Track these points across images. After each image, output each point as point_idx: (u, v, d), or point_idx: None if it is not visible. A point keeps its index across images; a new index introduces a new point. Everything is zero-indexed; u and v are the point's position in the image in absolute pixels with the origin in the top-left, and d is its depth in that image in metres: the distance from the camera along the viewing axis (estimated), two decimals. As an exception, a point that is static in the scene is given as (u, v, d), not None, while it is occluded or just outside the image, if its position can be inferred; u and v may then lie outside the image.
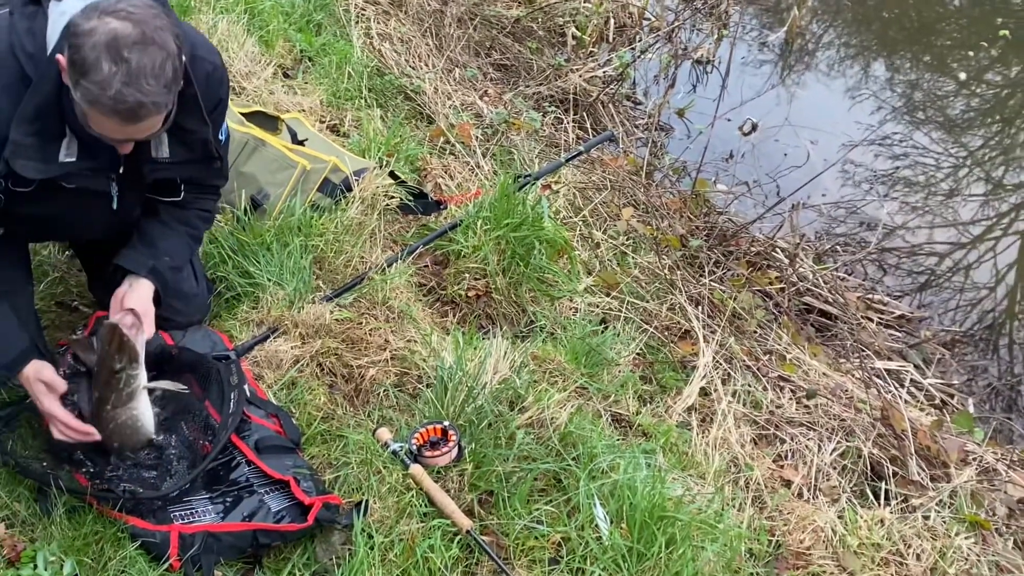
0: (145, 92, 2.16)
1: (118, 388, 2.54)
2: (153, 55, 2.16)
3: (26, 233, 2.84)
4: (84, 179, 2.48)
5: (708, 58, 6.35)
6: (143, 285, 2.68)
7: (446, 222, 3.87)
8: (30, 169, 2.34)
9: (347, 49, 5.05)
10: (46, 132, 2.33)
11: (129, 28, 2.14)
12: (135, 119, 2.21)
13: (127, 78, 2.13)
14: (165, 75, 2.19)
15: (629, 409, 3.28)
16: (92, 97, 2.16)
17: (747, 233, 4.75)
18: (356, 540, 2.49)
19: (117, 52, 2.12)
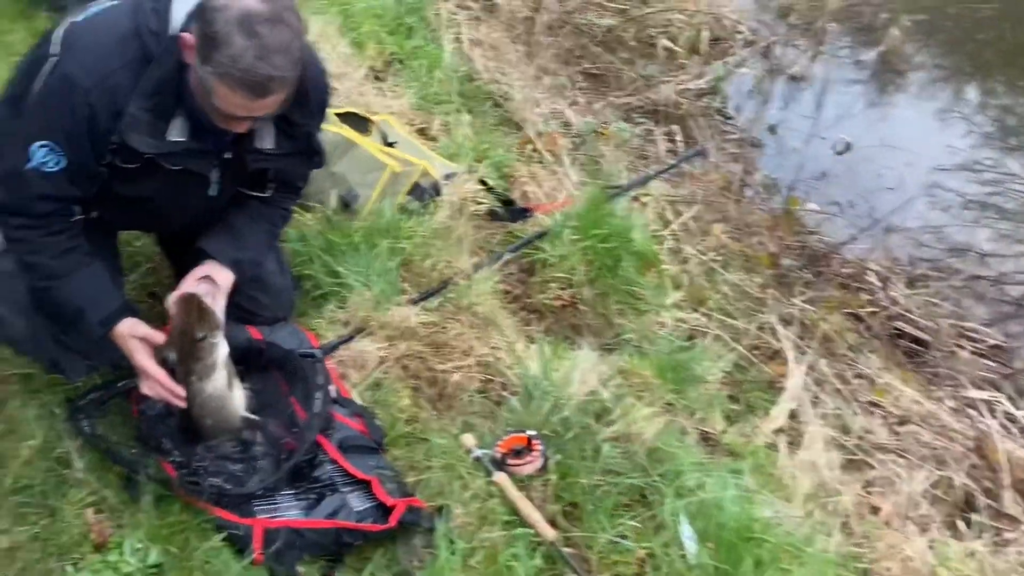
0: (275, 67, 2.20)
1: (201, 359, 2.55)
2: (283, 32, 2.19)
3: (121, 218, 2.87)
4: (189, 159, 2.51)
5: (802, 75, 6.23)
6: (223, 273, 2.70)
7: (533, 230, 3.85)
8: (143, 143, 2.38)
9: (437, 53, 5.07)
10: (160, 109, 2.37)
11: (261, 6, 2.18)
12: (263, 93, 2.24)
13: (259, 52, 2.17)
14: (293, 52, 2.23)
15: (716, 428, 3.21)
16: (223, 70, 2.19)
17: (838, 254, 4.65)
18: (438, 544, 2.47)
19: (250, 27, 2.16)
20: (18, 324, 2.92)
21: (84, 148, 2.42)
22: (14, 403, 2.83)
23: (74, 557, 2.45)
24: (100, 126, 2.38)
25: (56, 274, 2.60)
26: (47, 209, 2.53)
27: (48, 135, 2.41)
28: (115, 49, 2.36)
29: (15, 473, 2.64)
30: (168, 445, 2.71)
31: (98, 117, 2.37)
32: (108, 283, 2.67)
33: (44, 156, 2.42)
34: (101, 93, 2.35)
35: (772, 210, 4.99)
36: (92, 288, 2.63)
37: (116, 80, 2.35)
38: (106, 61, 2.36)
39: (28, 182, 2.46)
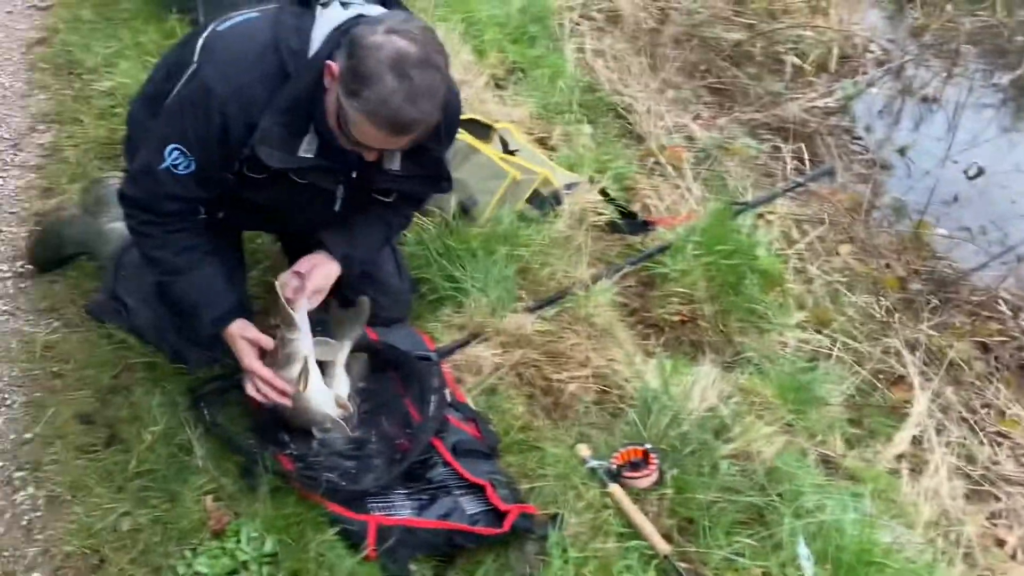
0: (422, 111, 2.25)
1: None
2: (432, 76, 2.24)
3: (244, 220, 2.94)
4: (316, 176, 2.55)
5: (934, 96, 6.04)
6: (332, 265, 2.74)
7: (654, 244, 3.79)
8: (273, 158, 2.43)
9: (560, 63, 5.05)
10: (293, 125, 2.41)
11: (414, 49, 2.22)
12: (404, 133, 2.30)
13: (408, 95, 2.21)
14: (438, 96, 2.28)
15: (836, 451, 3.11)
16: (370, 108, 2.24)
17: (968, 281, 4.47)
18: (551, 552, 2.44)
19: (402, 69, 2.20)
20: (144, 314, 3.02)
21: (214, 155, 2.49)
22: (139, 390, 2.91)
23: (192, 542, 2.50)
24: (232, 135, 2.43)
25: (177, 270, 2.68)
26: (174, 208, 2.62)
27: (181, 139, 2.49)
28: (253, 61, 2.42)
29: (138, 457, 2.71)
30: (285, 438, 2.76)
31: (231, 126, 2.42)
32: (224, 283, 2.73)
33: (176, 158, 2.50)
34: (236, 103, 2.41)
35: (900, 233, 4.83)
36: (209, 287, 2.70)
37: (252, 92, 2.40)
38: (243, 72, 2.42)
39: (159, 181, 2.54)
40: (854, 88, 5.59)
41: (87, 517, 2.56)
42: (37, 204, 3.69)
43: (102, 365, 3.01)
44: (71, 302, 3.27)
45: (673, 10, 5.88)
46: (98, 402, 2.91)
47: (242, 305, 2.77)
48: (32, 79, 4.49)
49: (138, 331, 3.05)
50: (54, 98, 4.33)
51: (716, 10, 6.14)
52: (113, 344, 3.07)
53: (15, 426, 2.86)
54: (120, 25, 4.72)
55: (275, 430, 2.77)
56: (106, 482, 2.66)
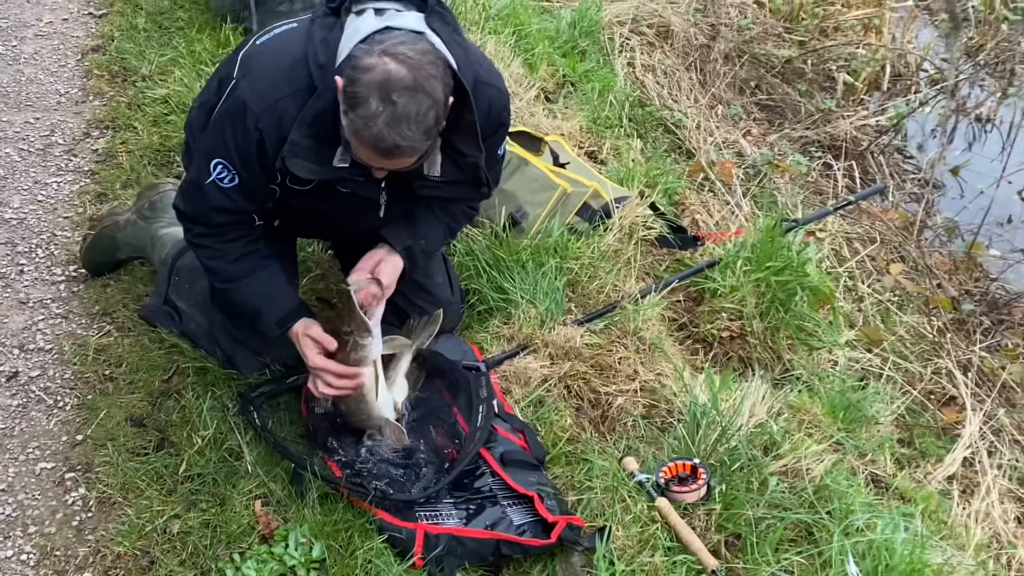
0: (403, 136, 2.23)
1: (345, 350, 2.62)
2: (419, 102, 2.22)
3: (299, 228, 2.97)
4: (355, 185, 2.56)
5: (989, 116, 5.97)
6: (396, 260, 2.74)
7: (703, 259, 3.77)
8: (303, 169, 2.44)
9: (610, 77, 5.05)
10: (324, 136, 2.42)
11: (403, 72, 2.21)
12: (390, 157, 2.30)
13: (390, 120, 2.21)
14: (426, 122, 2.25)
15: (886, 470, 3.07)
16: (355, 129, 2.26)
17: (1021, 303, 4.41)
18: (598, 564, 2.42)
19: (387, 93, 2.20)
20: (197, 320, 3.05)
21: (254, 168, 2.52)
22: (189, 394, 2.94)
23: (241, 546, 2.52)
24: (269, 150, 2.46)
25: (234, 277, 2.71)
26: (223, 220, 2.66)
27: (224, 154, 2.53)
28: (285, 77, 2.44)
29: (188, 461, 2.74)
30: (334, 444, 2.77)
31: (267, 141, 2.45)
32: (284, 284, 2.76)
33: (221, 173, 2.54)
34: (270, 119, 2.43)
35: (952, 253, 4.79)
36: (269, 290, 2.72)
37: (284, 107, 2.42)
38: (276, 88, 2.44)
39: (207, 195, 2.59)
40: (907, 107, 5.55)
41: (137, 519, 2.59)
42: (91, 209, 3.74)
43: (153, 369, 3.05)
44: (123, 306, 3.31)
45: (724, 26, 5.86)
46: (149, 405, 2.95)
47: (304, 305, 2.79)
48: (87, 86, 4.56)
49: (190, 336, 3.08)
50: (108, 104, 4.40)
51: (767, 27, 6.12)
52: (164, 348, 3.10)
53: (67, 428, 2.90)
54: (174, 34, 4.79)
55: (324, 436, 2.79)
56: (156, 484, 2.69)
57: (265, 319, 2.71)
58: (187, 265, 3.11)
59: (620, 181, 4.09)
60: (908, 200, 5.18)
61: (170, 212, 3.32)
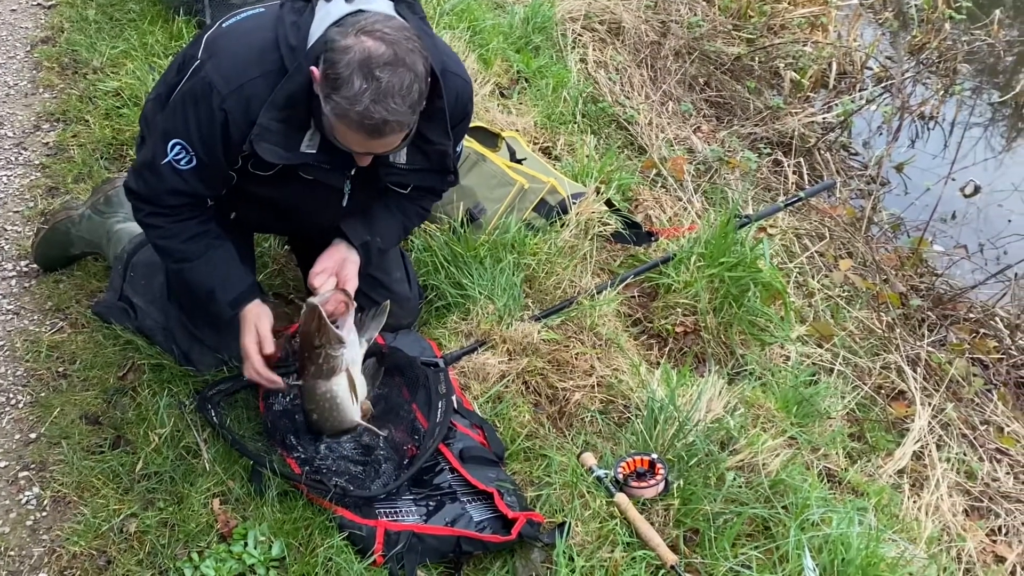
0: (391, 111, 2.23)
1: (318, 362, 2.61)
2: (402, 76, 2.22)
3: (256, 221, 2.94)
4: (321, 172, 2.56)
5: (932, 114, 6.09)
6: (355, 257, 2.75)
7: (657, 255, 3.81)
8: (271, 153, 2.43)
9: (563, 73, 5.07)
10: (293, 120, 2.41)
11: (383, 48, 2.21)
12: (378, 135, 2.29)
13: (375, 96, 2.20)
14: (411, 96, 2.25)
15: (839, 464, 3.13)
16: (341, 111, 2.25)
17: (965, 299, 4.51)
18: (557, 560, 2.44)
19: (369, 70, 2.20)
20: (153, 316, 3.02)
21: (216, 151, 2.49)
22: (145, 392, 2.91)
23: (199, 545, 2.50)
24: (234, 132, 2.44)
25: (188, 257, 2.69)
26: (176, 202, 2.62)
27: (183, 134, 2.49)
28: (254, 59, 2.42)
29: (145, 459, 2.71)
30: (292, 441, 2.76)
31: (232, 123, 2.43)
32: (239, 265, 2.73)
33: (178, 153, 2.51)
34: (237, 101, 2.41)
35: (898, 249, 4.88)
36: (224, 270, 2.70)
37: (252, 89, 2.41)
38: (244, 70, 2.42)
39: (162, 176, 2.55)
40: (853, 104, 5.64)
41: (93, 518, 2.56)
42: (42, 203, 3.68)
43: (108, 366, 3.02)
44: (76, 302, 3.27)
45: (674, 23, 5.90)
46: (104, 403, 2.91)
47: (258, 286, 2.77)
48: (37, 78, 4.48)
49: (146, 332, 3.05)
50: (59, 97, 4.32)
51: (716, 24, 6.18)
52: (119, 345, 3.07)
53: (20, 426, 2.86)
54: (126, 25, 4.72)
55: (283, 433, 2.78)
56: (112, 483, 2.66)
57: (219, 299, 2.70)
58: (143, 261, 3.08)
59: (575, 177, 4.11)
60: (855, 196, 5.27)
61: (126, 207, 3.28)
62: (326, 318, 2.54)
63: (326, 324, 2.53)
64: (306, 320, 2.56)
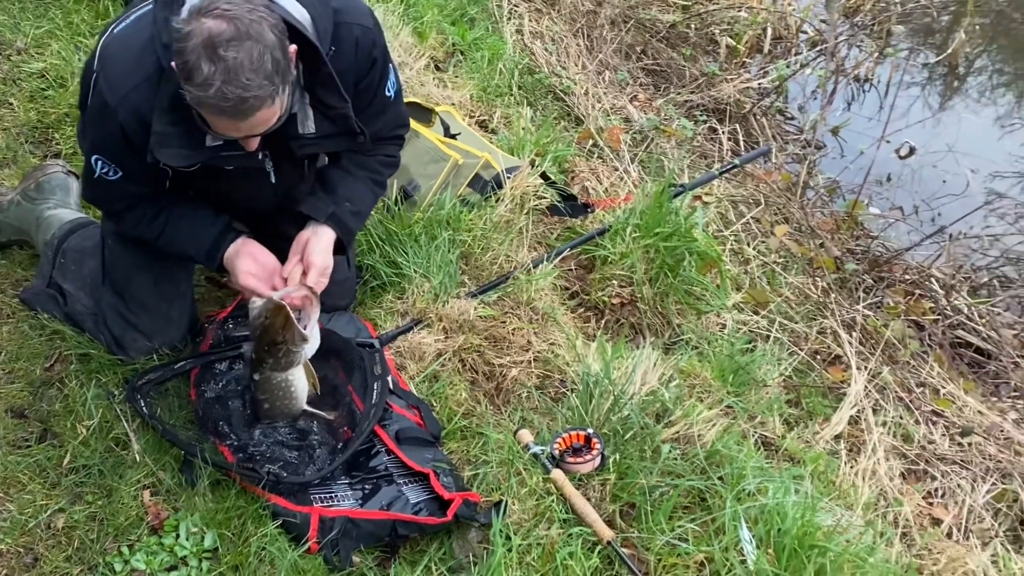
0: (244, 86, 2.14)
1: (276, 357, 2.55)
2: (249, 49, 2.14)
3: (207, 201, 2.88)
4: (236, 160, 2.50)
5: (867, 76, 6.12)
6: (325, 232, 2.69)
7: (593, 227, 3.80)
8: (175, 157, 2.39)
9: (499, 45, 5.02)
10: (189, 119, 2.33)
11: (223, 25, 2.13)
12: (242, 114, 2.21)
13: (225, 76, 2.12)
14: (265, 67, 2.16)
15: (776, 432, 3.16)
16: (198, 100, 2.18)
17: (901, 260, 4.56)
18: (494, 540, 2.43)
19: (213, 51, 2.12)
20: (83, 301, 2.97)
21: (131, 158, 2.45)
22: (73, 383, 2.86)
23: (130, 538, 2.47)
24: (136, 141, 2.39)
25: (155, 235, 2.67)
26: (125, 205, 2.64)
27: (99, 150, 2.49)
28: (134, 66, 2.36)
29: (73, 452, 2.67)
30: (225, 428, 2.73)
31: (131, 133, 2.38)
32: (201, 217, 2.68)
33: (102, 167, 2.50)
34: (126, 112, 2.36)
35: (834, 213, 4.91)
36: (188, 228, 2.67)
37: (137, 97, 2.35)
38: (127, 78, 2.36)
39: (100, 187, 2.56)
40: (788, 69, 5.65)
41: (20, 514, 2.52)
42: (-36, 191, 3.57)
43: (34, 357, 2.95)
44: (1, 292, 3.18)
45: (610, -10, 5.88)
46: (30, 395, 2.85)
47: (229, 225, 2.69)
48: (-45, 61, 4.34)
49: (75, 319, 2.99)
50: (-21, 80, 4.20)
51: (651, -10, 6.16)
52: (46, 335, 3.00)
53: (-58, 421, 2.79)
54: (51, 5, 4.57)
55: (215, 420, 2.74)
56: (39, 478, 2.61)
57: (197, 258, 2.69)
58: (74, 247, 3.03)
59: (511, 150, 4.08)
60: (791, 161, 5.29)
61: (56, 194, 3.24)
62: (293, 317, 2.47)
63: (292, 323, 2.47)
64: (271, 316, 2.47)
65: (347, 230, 2.75)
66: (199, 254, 2.67)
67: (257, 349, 2.55)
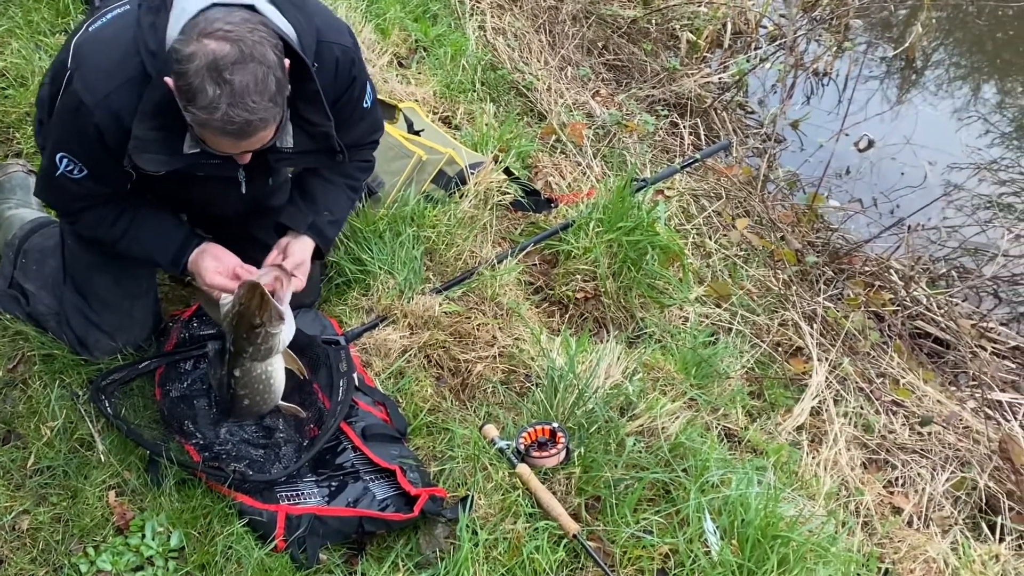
0: (251, 110, 2.18)
1: (256, 343, 2.52)
2: (254, 71, 2.16)
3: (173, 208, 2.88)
4: (211, 168, 2.50)
5: (826, 70, 6.19)
6: (303, 240, 2.72)
7: (557, 221, 3.82)
8: (153, 162, 2.38)
9: (462, 41, 5.03)
10: (170, 126, 2.35)
11: (227, 48, 2.14)
12: (246, 136, 2.24)
13: (232, 99, 2.15)
14: (268, 89, 2.19)
15: (739, 424, 3.19)
16: (201, 121, 2.20)
17: (861, 252, 4.62)
18: (461, 535, 2.46)
19: (218, 74, 2.13)
20: (46, 301, 2.95)
21: (100, 159, 2.45)
22: (36, 383, 2.84)
23: (95, 539, 2.46)
24: (110, 142, 2.39)
25: (116, 238, 2.66)
26: (83, 205, 2.61)
27: (67, 148, 2.46)
28: (116, 68, 2.35)
29: (37, 453, 2.65)
30: (191, 427, 2.72)
31: (107, 134, 2.38)
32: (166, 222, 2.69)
33: (67, 166, 2.48)
34: (104, 113, 2.35)
35: (794, 206, 4.97)
36: (153, 233, 2.67)
37: (118, 99, 2.34)
38: (107, 80, 2.35)
39: (61, 186, 2.53)
40: (747, 63, 5.70)
41: (-16, 516, 2.50)
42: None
43: (-4, 358, 2.93)
44: (-39, 293, 3.15)
45: (571, -14, 5.90)
46: (-7, 397, 2.83)
47: (192, 233, 2.71)
48: (-90, 59, 4.29)
49: (38, 319, 2.97)
50: (-64, 80, 4.15)
51: (613, -14, 6.19)
52: (8, 336, 2.98)
53: (-97, 424, 2.77)
54: (10, 3, 4.53)
55: (180, 419, 2.74)
56: (3, 480, 2.60)
57: (162, 263, 2.70)
58: (35, 246, 3.02)
59: (475, 146, 4.10)
60: (751, 155, 5.34)
61: (17, 194, 3.21)
62: (268, 294, 2.45)
63: (268, 300, 2.45)
64: (245, 299, 2.45)
65: (326, 239, 2.78)
66: (163, 260, 2.67)
67: (235, 339, 2.53)
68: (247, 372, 2.58)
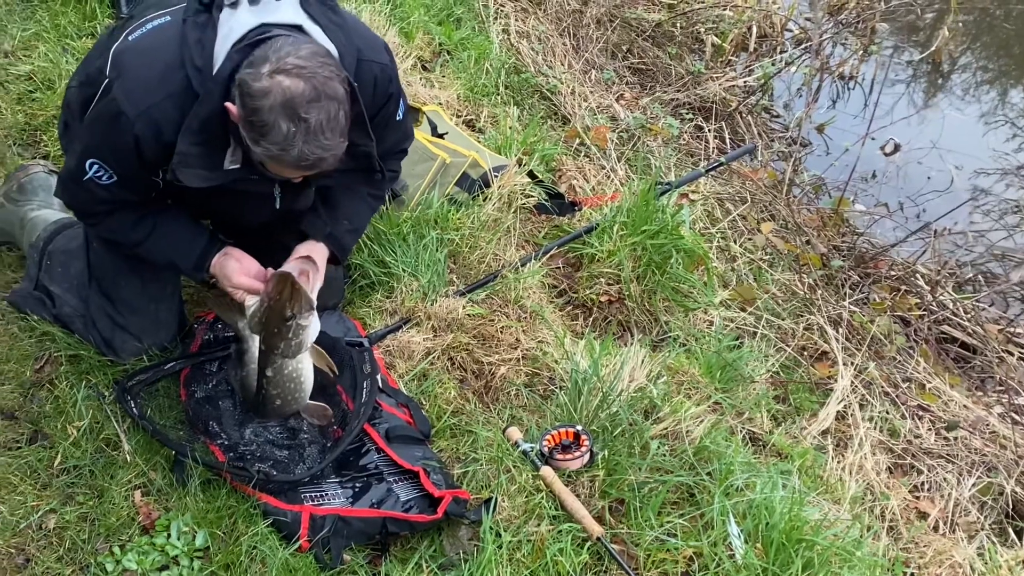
0: (325, 147, 2.22)
1: (287, 337, 2.51)
2: (328, 109, 2.19)
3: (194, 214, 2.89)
4: (248, 184, 2.51)
5: (852, 74, 6.16)
6: (320, 247, 2.73)
7: (581, 225, 3.82)
8: (195, 178, 2.39)
9: (485, 45, 5.04)
10: (213, 142, 2.37)
11: (301, 85, 2.16)
12: (316, 168, 2.29)
13: (306, 137, 2.18)
14: (340, 125, 2.23)
15: (763, 428, 3.18)
16: (273, 155, 2.23)
17: (887, 257, 4.59)
18: (484, 537, 2.45)
19: (294, 112, 2.16)
20: (71, 303, 2.96)
21: (133, 167, 2.46)
22: (63, 384, 2.85)
23: (121, 539, 2.47)
24: (147, 153, 2.40)
25: (137, 241, 2.67)
26: (107, 209, 2.62)
27: (98, 154, 2.46)
28: (160, 81, 2.36)
29: (64, 453, 2.67)
30: (215, 428, 2.73)
31: (144, 145, 2.38)
32: (189, 227, 2.70)
33: (97, 171, 2.48)
34: (145, 124, 2.36)
35: (820, 210, 4.94)
36: (175, 239, 2.68)
37: (160, 112, 2.35)
38: (150, 92, 2.36)
39: (87, 190, 2.54)
40: (773, 67, 5.68)
41: (11, 515, 2.51)
42: (-50, 194, 3.56)
43: (24, 359, 2.95)
44: (-12, 294, 3.18)
45: (595, -10, 5.90)
46: (20, 397, 2.85)
47: (214, 236, 2.73)
48: (-59, 63, 4.33)
49: (64, 321, 2.98)
50: (-34, 83, 4.19)
51: (637, -11, 6.19)
52: (35, 336, 2.99)
53: (-68, 423, 2.79)
54: (37, 7, 4.57)
55: (206, 420, 2.75)
56: (30, 479, 2.61)
57: (183, 268, 2.71)
58: (60, 248, 3.03)
59: (498, 149, 4.10)
60: (776, 159, 5.33)
61: (40, 195, 3.23)
62: (299, 283, 2.44)
63: (300, 289, 2.44)
64: (276, 289, 2.45)
65: (342, 248, 2.79)
66: (186, 265, 2.68)
67: (266, 335, 2.53)
68: (279, 371, 2.58)
